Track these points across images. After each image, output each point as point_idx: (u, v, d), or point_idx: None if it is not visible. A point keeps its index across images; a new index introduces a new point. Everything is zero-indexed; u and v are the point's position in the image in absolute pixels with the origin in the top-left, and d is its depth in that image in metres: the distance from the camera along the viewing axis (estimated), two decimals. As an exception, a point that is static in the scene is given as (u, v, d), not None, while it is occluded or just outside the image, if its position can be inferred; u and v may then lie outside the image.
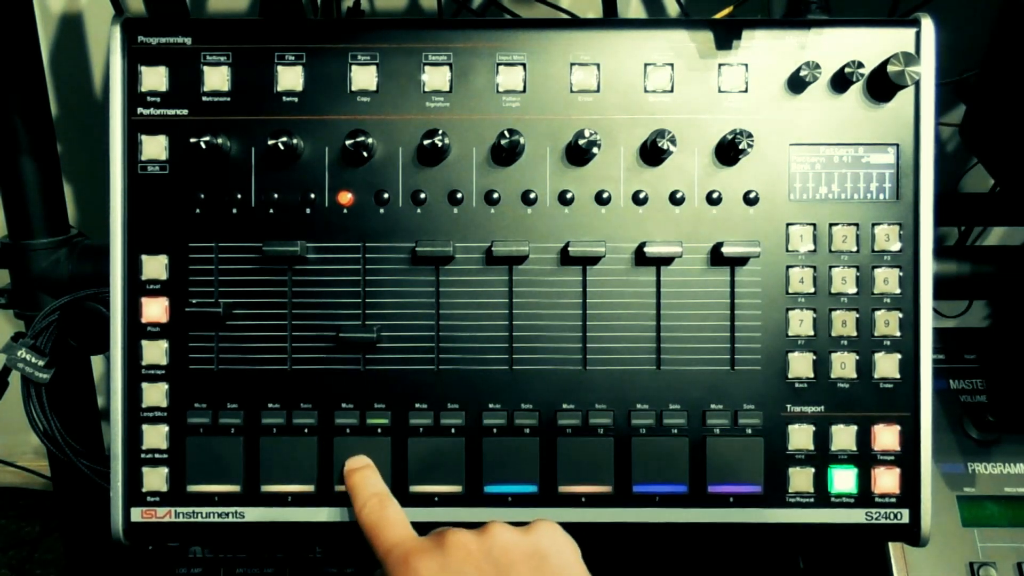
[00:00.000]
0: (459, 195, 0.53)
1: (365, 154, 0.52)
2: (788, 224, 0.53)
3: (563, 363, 0.53)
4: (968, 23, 0.66)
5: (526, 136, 0.53)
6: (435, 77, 0.53)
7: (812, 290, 0.53)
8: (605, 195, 0.53)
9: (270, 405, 0.53)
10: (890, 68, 0.51)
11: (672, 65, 0.53)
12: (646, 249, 0.52)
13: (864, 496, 0.53)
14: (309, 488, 0.53)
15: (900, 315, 0.53)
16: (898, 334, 0.53)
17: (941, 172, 0.54)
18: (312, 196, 0.53)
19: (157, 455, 0.53)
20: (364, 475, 0.51)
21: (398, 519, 0.48)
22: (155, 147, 0.53)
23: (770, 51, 0.53)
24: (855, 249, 0.53)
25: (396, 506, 0.49)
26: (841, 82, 0.53)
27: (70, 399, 0.67)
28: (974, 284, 0.65)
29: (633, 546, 0.65)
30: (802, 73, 0.52)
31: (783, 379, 0.53)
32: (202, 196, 0.53)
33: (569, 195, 0.53)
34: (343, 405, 0.53)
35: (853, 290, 0.53)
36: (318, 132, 0.53)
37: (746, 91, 0.53)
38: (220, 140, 0.52)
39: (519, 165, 0.53)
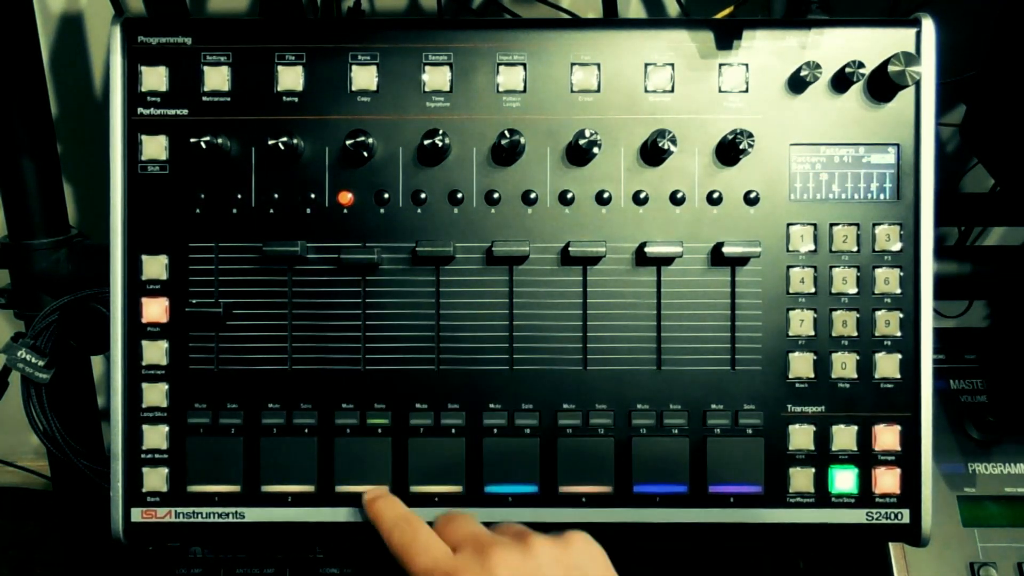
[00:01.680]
0: (459, 195, 0.53)
1: (365, 154, 0.52)
2: (789, 224, 0.53)
3: (563, 363, 0.53)
4: (968, 23, 0.66)
5: (526, 136, 0.53)
6: (435, 77, 0.53)
7: (813, 290, 0.53)
8: (605, 195, 0.53)
9: (270, 405, 0.53)
10: (890, 68, 0.51)
11: (672, 65, 0.53)
12: (647, 249, 0.52)
13: (864, 496, 0.53)
14: (309, 488, 0.53)
15: (901, 315, 0.53)
16: (899, 334, 0.53)
17: (941, 172, 0.54)
18: (312, 196, 0.53)
19: (157, 455, 0.53)
20: (387, 501, 0.51)
21: (431, 540, 0.47)
22: (155, 147, 0.53)
23: (770, 51, 0.53)
24: (856, 249, 0.53)
25: (426, 527, 0.48)
26: (841, 82, 0.53)
27: (70, 399, 0.67)
28: (974, 284, 0.65)
29: (633, 546, 0.65)
30: (802, 73, 0.52)
31: (784, 379, 0.53)
32: (202, 196, 0.53)
33: (569, 195, 0.53)
34: (343, 405, 0.53)
35: (854, 290, 0.53)
36: (318, 132, 0.53)
37: (746, 91, 0.53)
38: (220, 140, 0.51)
39: (519, 165, 0.53)
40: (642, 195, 0.53)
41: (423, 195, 0.53)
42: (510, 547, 0.44)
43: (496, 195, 0.53)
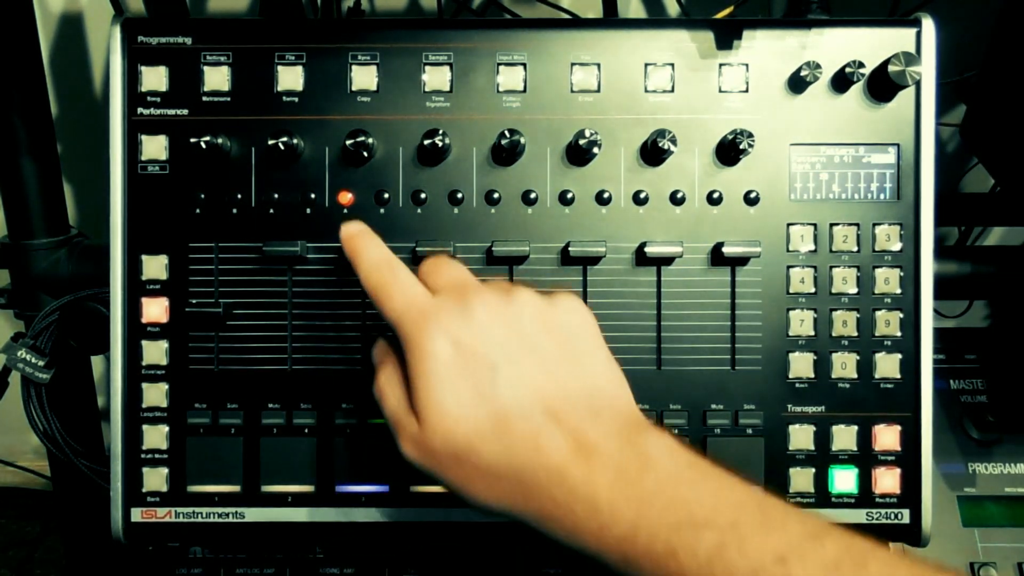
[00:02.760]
0: (459, 195, 0.53)
1: (365, 154, 0.52)
2: (789, 224, 0.53)
3: (563, 363, 0.53)
4: (968, 23, 0.66)
5: (526, 136, 0.53)
6: (435, 77, 0.53)
7: (813, 290, 0.53)
8: (606, 195, 0.53)
9: (270, 405, 0.53)
10: (891, 68, 0.51)
11: (672, 65, 0.53)
12: (647, 249, 0.52)
13: (865, 496, 0.53)
14: (309, 488, 0.53)
15: (901, 315, 0.53)
16: (899, 334, 0.53)
17: (941, 172, 0.53)
18: (312, 196, 0.53)
19: (157, 455, 0.53)
20: (366, 240, 0.47)
21: (410, 279, 0.43)
22: (155, 147, 0.53)
23: (770, 51, 0.53)
24: (856, 249, 0.53)
25: (407, 271, 0.44)
26: (842, 82, 0.53)
27: (70, 399, 0.67)
28: (974, 284, 0.65)
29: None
30: (802, 73, 0.52)
31: (784, 379, 0.53)
32: (202, 196, 0.53)
33: (569, 195, 0.53)
34: (343, 405, 0.53)
35: (854, 290, 0.53)
36: (318, 132, 0.53)
37: (747, 91, 0.53)
38: (220, 140, 0.51)
39: (519, 165, 0.53)
40: (642, 195, 0.53)
41: (423, 195, 0.53)
42: (492, 292, 0.42)
43: (496, 195, 0.53)
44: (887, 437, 0.53)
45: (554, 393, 0.40)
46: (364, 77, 0.53)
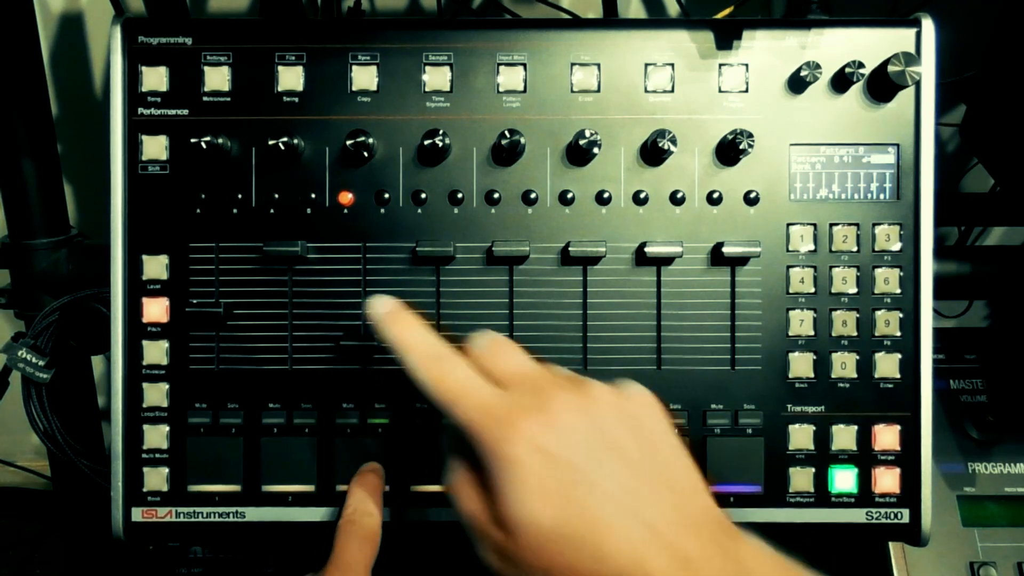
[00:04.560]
0: (459, 195, 0.53)
1: (365, 154, 0.52)
2: (788, 224, 0.53)
3: (563, 363, 0.53)
4: (968, 23, 0.66)
5: (526, 136, 0.53)
6: (435, 77, 0.53)
7: (812, 290, 0.53)
8: (605, 195, 0.53)
9: (270, 405, 0.53)
10: (890, 68, 0.51)
11: (672, 65, 0.53)
12: (647, 249, 0.52)
13: (864, 496, 0.53)
14: (309, 488, 0.53)
15: (900, 315, 0.53)
16: (898, 334, 0.53)
17: (941, 172, 0.54)
18: (312, 196, 0.53)
19: (157, 455, 0.53)
20: (407, 324, 0.43)
21: (471, 376, 0.40)
22: (155, 147, 0.53)
23: (770, 51, 0.53)
24: (855, 249, 0.53)
25: (459, 359, 0.41)
26: (841, 82, 0.53)
27: (70, 399, 0.67)
28: (974, 284, 0.65)
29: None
30: (802, 73, 0.52)
31: (783, 379, 0.53)
32: (203, 196, 0.53)
33: (569, 195, 0.53)
34: (344, 405, 0.53)
35: (853, 290, 0.53)
36: (318, 132, 0.53)
37: (746, 91, 0.53)
38: (220, 140, 0.51)
39: (519, 165, 0.53)
40: (642, 195, 0.53)
41: (423, 195, 0.53)
42: (569, 389, 0.40)
43: (496, 195, 0.53)
44: (887, 437, 0.53)
45: (647, 501, 0.38)
46: (364, 77, 0.53)
